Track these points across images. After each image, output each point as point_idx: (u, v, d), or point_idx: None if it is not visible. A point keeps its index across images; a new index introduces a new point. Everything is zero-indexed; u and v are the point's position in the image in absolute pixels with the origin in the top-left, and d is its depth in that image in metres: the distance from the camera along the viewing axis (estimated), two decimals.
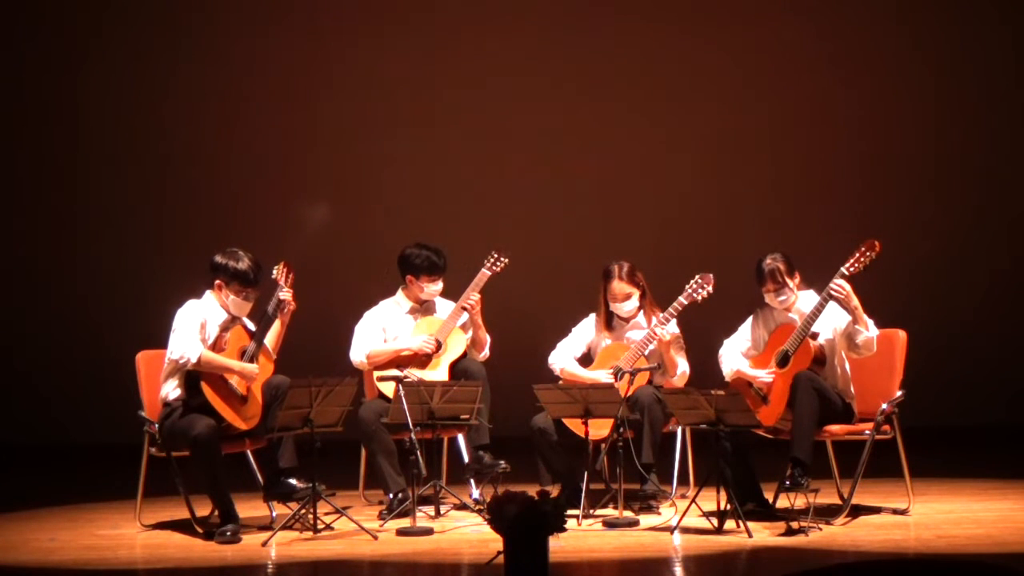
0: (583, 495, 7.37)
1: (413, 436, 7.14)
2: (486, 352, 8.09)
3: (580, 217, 10.92)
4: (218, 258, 7.44)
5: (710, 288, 7.70)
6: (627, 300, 7.89)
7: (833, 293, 7.12)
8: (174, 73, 11.04)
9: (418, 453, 7.12)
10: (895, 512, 7.36)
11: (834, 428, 7.28)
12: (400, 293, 8.14)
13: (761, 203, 10.90)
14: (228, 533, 7.09)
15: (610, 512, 7.42)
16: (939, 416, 10.23)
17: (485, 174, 11.03)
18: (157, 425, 7.39)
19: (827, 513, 7.22)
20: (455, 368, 7.95)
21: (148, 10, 11.07)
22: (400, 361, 7.93)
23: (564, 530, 6.13)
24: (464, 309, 7.97)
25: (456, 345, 8.00)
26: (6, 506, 8.39)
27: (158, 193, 11.10)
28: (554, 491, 7.32)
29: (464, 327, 8.05)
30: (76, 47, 11.07)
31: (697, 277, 7.72)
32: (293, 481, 7.35)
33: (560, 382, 7.83)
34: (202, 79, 11.05)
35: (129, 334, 8.60)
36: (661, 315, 7.73)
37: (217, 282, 7.42)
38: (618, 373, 7.71)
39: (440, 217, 10.57)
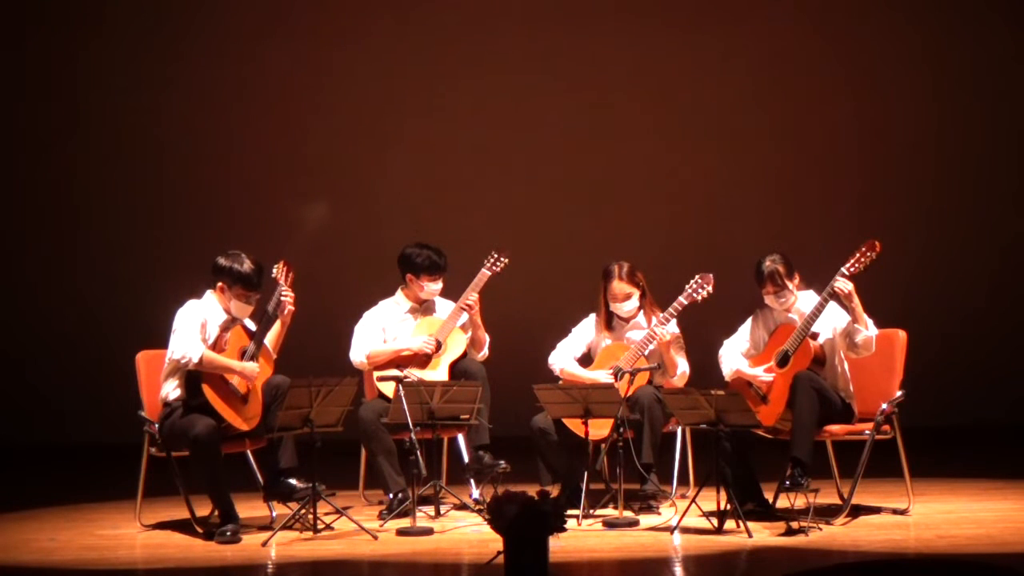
0: (583, 495, 7.37)
1: (413, 436, 7.14)
2: (485, 352, 8.09)
3: (580, 217, 10.92)
4: (221, 260, 7.44)
5: (710, 288, 7.70)
6: (627, 300, 7.89)
7: (837, 289, 7.12)
8: (174, 72, 11.04)
9: (418, 453, 7.12)
10: (895, 512, 7.36)
11: (834, 428, 7.29)
12: (400, 293, 8.14)
13: (761, 203, 10.90)
14: (228, 533, 7.09)
15: (610, 512, 7.42)
16: (939, 416, 10.23)
17: (485, 174, 11.03)
18: (157, 425, 7.39)
19: (827, 513, 7.23)
20: (455, 368, 7.95)
21: (148, 10, 11.07)
22: (400, 361, 7.93)
23: (564, 530, 6.14)
24: (463, 309, 7.97)
25: (456, 345, 8.00)
26: (6, 506, 8.39)
27: (158, 193, 11.09)
28: (554, 491, 7.32)
29: (464, 327, 8.05)
30: (76, 46, 11.06)
31: (697, 277, 7.72)
32: (293, 481, 7.35)
33: (560, 382, 7.83)
34: (202, 78, 11.05)
35: (129, 334, 8.59)
36: (661, 315, 7.74)
37: (220, 284, 7.43)
38: (618, 373, 7.71)
39: (440, 217, 10.57)
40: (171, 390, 7.35)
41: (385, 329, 8.07)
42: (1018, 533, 6.83)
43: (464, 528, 7.32)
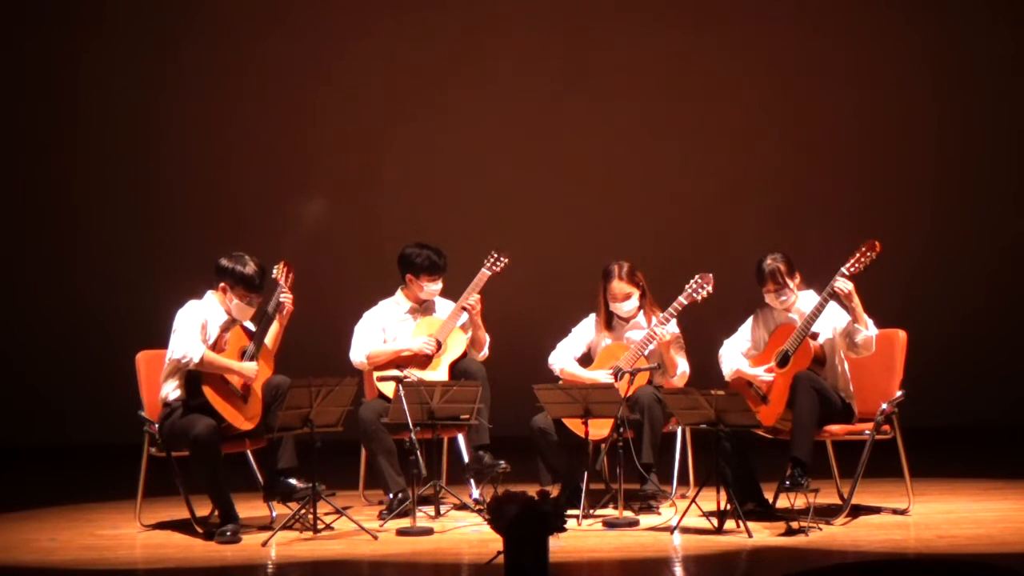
0: (583, 495, 7.37)
1: (413, 436, 7.14)
2: (485, 352, 8.10)
3: (580, 217, 10.91)
4: (224, 261, 7.44)
5: (710, 288, 7.70)
6: (627, 300, 7.89)
7: (837, 289, 7.12)
8: (175, 72, 11.04)
9: (418, 453, 7.12)
10: (895, 512, 7.37)
11: (834, 428, 7.29)
12: (399, 293, 8.14)
13: (761, 203, 10.90)
14: (228, 533, 7.09)
15: (610, 512, 7.42)
16: (939, 416, 10.22)
17: (485, 174, 11.03)
18: (157, 425, 7.39)
19: (827, 513, 7.23)
20: (455, 368, 7.95)
21: (148, 10, 11.07)
22: (400, 361, 7.93)
23: (564, 530, 6.14)
24: (464, 309, 7.97)
25: (456, 345, 8.00)
26: (6, 506, 8.40)
27: (158, 193, 11.09)
28: (554, 491, 7.32)
29: (464, 327, 8.05)
30: (76, 46, 11.06)
31: (697, 277, 7.72)
32: (293, 481, 7.35)
33: (560, 382, 7.83)
34: (202, 78, 11.05)
35: (129, 334, 8.60)
36: (661, 315, 7.74)
37: (222, 285, 7.43)
38: (618, 373, 7.71)
39: (440, 217, 10.57)
40: (171, 390, 7.35)
41: (385, 329, 8.07)
42: (1018, 533, 6.83)
43: (464, 528, 7.32)
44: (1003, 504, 7.66)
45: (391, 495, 7.71)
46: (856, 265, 7.19)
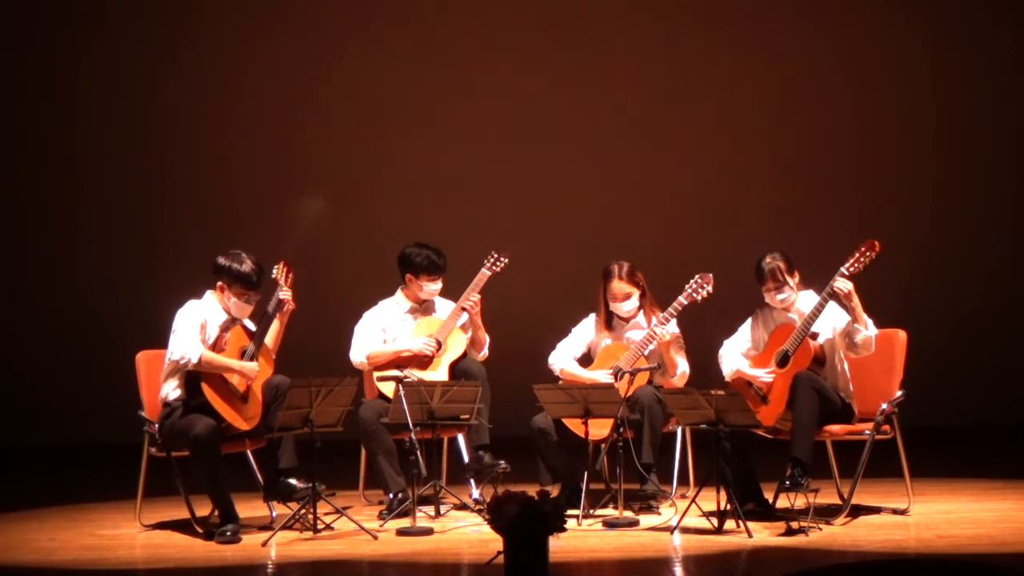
0: (583, 495, 7.37)
1: (413, 436, 7.14)
2: (485, 352, 8.10)
3: (580, 217, 10.91)
4: (221, 260, 7.44)
5: (710, 288, 7.70)
6: (627, 300, 7.89)
7: (836, 289, 7.13)
8: (175, 72, 11.04)
9: (418, 453, 7.12)
10: (895, 512, 7.37)
11: (834, 428, 7.29)
12: (399, 293, 8.14)
13: (761, 203, 10.90)
14: (228, 533, 7.09)
15: (610, 512, 7.42)
16: (939, 416, 10.22)
17: (485, 174, 11.03)
18: (157, 425, 7.39)
19: (827, 513, 7.23)
20: (455, 368, 7.95)
21: (148, 10, 11.07)
22: (400, 361, 7.93)
23: (564, 530, 6.14)
24: (464, 309, 7.97)
25: (456, 345, 8.01)
26: (6, 506, 8.40)
27: (158, 193, 11.09)
28: (554, 491, 7.32)
29: (464, 327, 8.05)
30: (76, 46, 11.06)
31: (697, 277, 7.72)
32: (293, 481, 7.35)
33: (560, 382, 7.83)
34: (203, 78, 11.05)
35: (129, 334, 8.60)
36: (661, 315, 7.74)
37: (219, 283, 7.43)
38: (618, 373, 7.71)
39: (440, 217, 10.56)
40: (171, 390, 7.35)
41: (385, 329, 8.07)
42: (1018, 533, 6.83)
43: (464, 528, 7.32)
44: (1003, 504, 7.66)
45: (391, 495, 7.71)
46: (856, 265, 7.20)
